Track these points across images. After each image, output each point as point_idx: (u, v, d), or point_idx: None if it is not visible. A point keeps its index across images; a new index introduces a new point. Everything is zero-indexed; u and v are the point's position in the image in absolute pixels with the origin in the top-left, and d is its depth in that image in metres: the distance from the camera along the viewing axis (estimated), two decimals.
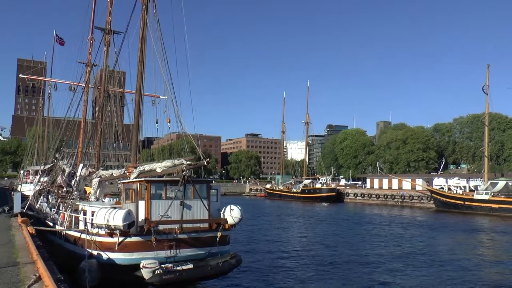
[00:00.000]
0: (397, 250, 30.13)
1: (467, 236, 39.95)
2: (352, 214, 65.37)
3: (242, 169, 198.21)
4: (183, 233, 19.22)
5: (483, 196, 68.08)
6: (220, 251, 19.85)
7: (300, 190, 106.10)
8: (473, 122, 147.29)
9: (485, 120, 78.23)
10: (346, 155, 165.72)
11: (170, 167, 20.25)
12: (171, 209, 19.35)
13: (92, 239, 19.01)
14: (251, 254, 29.18)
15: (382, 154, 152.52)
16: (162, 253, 18.62)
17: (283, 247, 32.55)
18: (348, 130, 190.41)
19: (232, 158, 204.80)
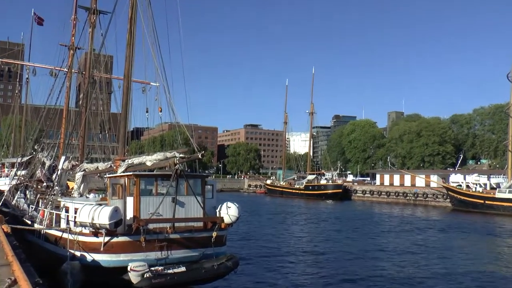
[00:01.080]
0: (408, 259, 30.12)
1: (488, 241, 39.94)
2: (359, 214, 65.55)
3: (241, 163, 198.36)
4: (175, 232, 19.25)
5: (506, 194, 68.17)
6: (216, 252, 19.89)
7: (303, 187, 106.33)
8: (495, 113, 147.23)
9: (509, 111, 78.12)
10: (354, 149, 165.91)
11: (161, 160, 20.23)
12: (162, 207, 19.37)
13: (75, 238, 19.03)
14: (249, 256, 29.24)
15: (394, 148, 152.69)
16: (152, 254, 18.65)
17: (284, 249, 32.63)
18: (356, 121, 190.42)
19: (229, 151, 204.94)
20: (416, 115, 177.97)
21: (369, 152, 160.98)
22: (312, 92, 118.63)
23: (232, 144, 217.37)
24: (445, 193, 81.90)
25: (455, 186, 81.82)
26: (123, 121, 23.36)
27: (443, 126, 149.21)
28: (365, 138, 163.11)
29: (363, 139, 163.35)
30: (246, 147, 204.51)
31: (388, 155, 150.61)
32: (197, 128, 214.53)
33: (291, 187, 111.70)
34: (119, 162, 21.98)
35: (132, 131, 44.92)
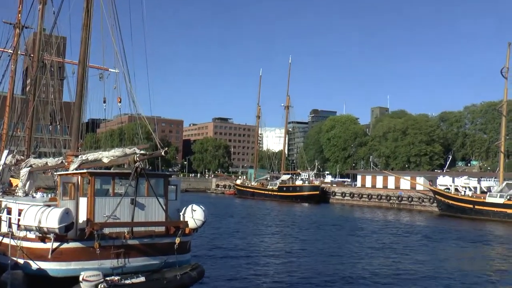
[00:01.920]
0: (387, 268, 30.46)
1: (476, 249, 40.67)
2: (337, 218, 66.06)
3: (208, 161, 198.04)
4: (134, 238, 19.06)
5: (497, 199, 69.64)
6: (179, 260, 19.78)
7: (277, 188, 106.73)
8: (488, 111, 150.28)
9: (502, 109, 79.62)
10: (334, 147, 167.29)
11: (120, 156, 19.98)
12: (119, 209, 19.13)
13: (18, 244, 18.60)
14: (215, 264, 29.17)
15: (377, 147, 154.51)
16: (107, 262, 18.41)
17: (254, 257, 32.66)
18: (336, 116, 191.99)
19: (196, 147, 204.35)
20: (402, 111, 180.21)
21: (350, 151, 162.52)
22: (289, 84, 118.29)
23: (199, 140, 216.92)
24: (432, 197, 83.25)
25: (443, 190, 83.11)
26: (77, 112, 22.96)
27: (431, 124, 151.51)
28: (346, 135, 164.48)
29: (343, 137, 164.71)
30: (214, 143, 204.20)
31: (370, 155, 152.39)
32: (160, 121, 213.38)
33: (263, 188, 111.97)
34: (72, 158, 21.63)
35: (87, 123, 44.20)
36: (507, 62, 76.28)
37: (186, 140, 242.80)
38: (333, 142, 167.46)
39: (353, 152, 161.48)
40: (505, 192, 70.09)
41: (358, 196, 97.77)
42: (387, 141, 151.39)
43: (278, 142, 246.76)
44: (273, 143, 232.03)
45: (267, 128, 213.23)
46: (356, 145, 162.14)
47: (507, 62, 76.30)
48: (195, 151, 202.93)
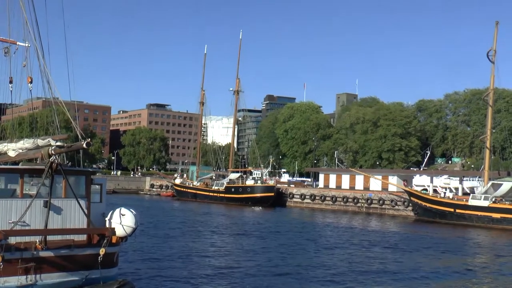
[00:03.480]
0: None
1: (457, 261, 41.36)
2: (295, 225, 66.51)
3: (141, 156, 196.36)
4: (48, 249, 18.79)
5: (481, 201, 71.60)
6: (104, 276, 19.64)
7: (223, 188, 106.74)
8: (472, 100, 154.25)
9: (488, 98, 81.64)
10: (292, 140, 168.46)
11: (30, 149, 19.65)
12: (30, 213, 18.83)
13: None
14: (147, 280, 29.00)
15: (343, 140, 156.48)
16: (13, 280, 18.11)
17: (192, 272, 32.68)
18: (295, 104, 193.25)
19: (126, 138, 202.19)
20: (372, 99, 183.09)
21: (311, 145, 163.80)
22: (239, 63, 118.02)
23: (130, 130, 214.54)
24: (407, 199, 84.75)
25: (420, 191, 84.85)
26: None
27: (406, 114, 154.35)
28: (306, 127, 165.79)
29: (303, 128, 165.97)
30: (148, 134, 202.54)
31: (335, 150, 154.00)
32: (82, 107, 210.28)
33: (207, 189, 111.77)
34: None
35: None
36: (495, 44, 78.16)
37: (115, 131, 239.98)
38: (291, 135, 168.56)
39: (314, 147, 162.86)
40: (491, 194, 72.04)
41: (320, 198, 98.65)
42: (355, 133, 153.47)
43: (226, 133, 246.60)
44: (220, 135, 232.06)
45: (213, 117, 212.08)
46: (318, 138, 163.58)
47: (494, 44, 78.15)
48: (125, 143, 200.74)
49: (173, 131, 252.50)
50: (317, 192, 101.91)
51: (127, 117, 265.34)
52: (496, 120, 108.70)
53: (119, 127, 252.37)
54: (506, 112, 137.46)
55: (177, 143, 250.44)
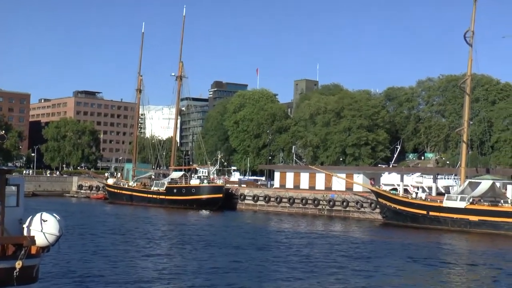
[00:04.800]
0: None
1: (430, 274, 41.73)
2: (246, 231, 66.55)
3: (67, 152, 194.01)
4: None
5: (457, 203, 72.83)
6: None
7: (164, 189, 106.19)
8: (447, 88, 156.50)
9: (465, 85, 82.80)
10: (243, 133, 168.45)
11: None
12: None
13: None
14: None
15: (302, 133, 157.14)
16: None
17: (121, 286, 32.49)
18: (247, 91, 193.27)
19: (49, 132, 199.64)
20: (335, 86, 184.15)
21: (266, 139, 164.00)
22: (182, 44, 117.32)
23: (53, 122, 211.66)
24: (374, 201, 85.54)
25: (388, 191, 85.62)
26: None
27: (374, 104, 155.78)
28: (260, 118, 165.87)
29: (256, 119, 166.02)
30: (76, 126, 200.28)
31: (293, 144, 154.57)
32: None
33: (145, 190, 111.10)
34: None
35: None
36: (472, 25, 79.28)
37: (35, 122, 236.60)
38: (242, 127, 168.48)
39: (269, 141, 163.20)
40: (467, 194, 73.27)
41: (275, 200, 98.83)
42: (315, 125, 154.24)
43: (167, 126, 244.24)
44: (160, 128, 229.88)
45: (152, 106, 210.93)
46: (273, 131, 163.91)
47: (472, 25, 79.28)
48: (48, 138, 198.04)
49: (105, 123, 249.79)
50: (272, 192, 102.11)
51: (50, 107, 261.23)
52: (474, 111, 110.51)
53: (40, 118, 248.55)
54: (485, 102, 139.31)
55: (110, 137, 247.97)
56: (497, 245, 59.60)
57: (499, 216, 69.80)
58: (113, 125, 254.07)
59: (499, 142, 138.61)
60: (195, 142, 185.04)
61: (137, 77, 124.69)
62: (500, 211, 70.42)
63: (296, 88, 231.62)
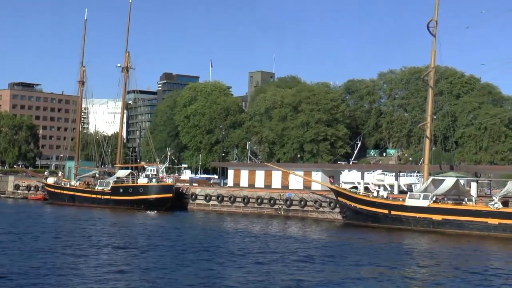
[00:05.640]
0: None
1: (389, 276, 42.10)
2: (196, 233, 66.46)
3: (2, 149, 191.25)
4: None
5: (420, 201, 73.42)
6: None
7: (110, 189, 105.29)
8: (410, 80, 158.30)
9: (428, 78, 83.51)
10: (195, 128, 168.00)
11: None
12: None
13: None
14: None
15: (257, 129, 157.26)
16: None
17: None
18: (199, 84, 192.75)
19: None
20: (293, 78, 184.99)
21: (219, 135, 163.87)
22: (128, 33, 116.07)
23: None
24: (334, 199, 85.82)
25: (348, 189, 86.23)
26: None
27: (333, 97, 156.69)
28: (213, 112, 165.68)
29: (209, 114, 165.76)
30: (12, 121, 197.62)
31: (248, 140, 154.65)
32: None
33: (89, 190, 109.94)
34: None
35: None
36: (436, 14, 79.94)
37: None
38: (193, 122, 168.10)
39: (222, 137, 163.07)
40: (431, 192, 73.90)
41: (229, 199, 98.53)
42: (271, 120, 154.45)
43: (113, 120, 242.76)
44: (105, 123, 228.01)
45: (96, 99, 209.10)
46: (227, 126, 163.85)
47: (435, 14, 79.92)
48: None
49: (44, 117, 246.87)
50: (225, 192, 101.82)
51: None
52: (437, 104, 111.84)
53: None
54: (449, 95, 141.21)
55: (50, 133, 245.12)
56: (458, 245, 60.32)
57: (462, 215, 70.48)
58: (53, 119, 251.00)
59: (463, 138, 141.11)
60: (143, 138, 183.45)
61: (80, 68, 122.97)
62: (464, 209, 71.16)
63: (251, 81, 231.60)
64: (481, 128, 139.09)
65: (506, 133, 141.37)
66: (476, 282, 39.53)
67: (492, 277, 41.52)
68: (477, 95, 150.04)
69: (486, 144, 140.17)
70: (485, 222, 69.18)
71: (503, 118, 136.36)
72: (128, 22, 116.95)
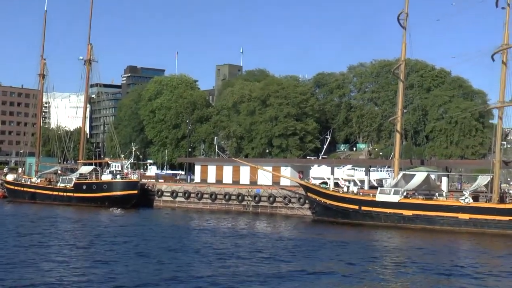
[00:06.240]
0: None
1: (357, 273, 42.22)
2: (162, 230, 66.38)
3: None
4: None
5: (391, 196, 74.14)
6: None
7: (72, 186, 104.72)
8: (380, 73, 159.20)
9: (399, 71, 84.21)
10: (160, 123, 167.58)
11: None
12: None
13: None
14: None
15: (225, 123, 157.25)
16: None
17: None
18: (165, 77, 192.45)
19: None
20: (261, 71, 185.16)
21: (185, 130, 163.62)
22: (91, 24, 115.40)
23: None
24: (303, 195, 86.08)
25: (318, 184, 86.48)
26: None
27: (302, 91, 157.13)
28: (179, 106, 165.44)
29: (175, 108, 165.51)
30: None
31: (215, 135, 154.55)
32: None
33: (51, 187, 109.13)
34: None
35: None
36: (406, 6, 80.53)
37: None
38: (159, 116, 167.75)
39: (189, 131, 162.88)
40: (401, 187, 74.60)
41: (196, 196, 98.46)
42: (239, 115, 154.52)
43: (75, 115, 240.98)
44: (67, 117, 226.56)
45: (57, 93, 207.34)
46: (193, 120, 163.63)
47: (406, 6, 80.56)
48: None
49: (3, 112, 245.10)
50: (192, 188, 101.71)
51: None
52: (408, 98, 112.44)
53: None
54: (420, 88, 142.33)
55: (9, 128, 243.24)
56: (427, 241, 61.06)
57: (433, 210, 71.18)
58: (12, 114, 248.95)
59: (434, 132, 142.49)
60: (106, 133, 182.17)
61: (40, 60, 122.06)
62: (434, 205, 71.95)
63: (218, 74, 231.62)
64: (452, 122, 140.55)
65: (476, 127, 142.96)
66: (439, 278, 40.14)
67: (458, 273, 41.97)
68: (448, 89, 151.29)
69: (456, 138, 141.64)
70: (456, 217, 70.05)
71: (473, 112, 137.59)
72: (90, 12, 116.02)
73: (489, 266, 45.98)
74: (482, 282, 39.28)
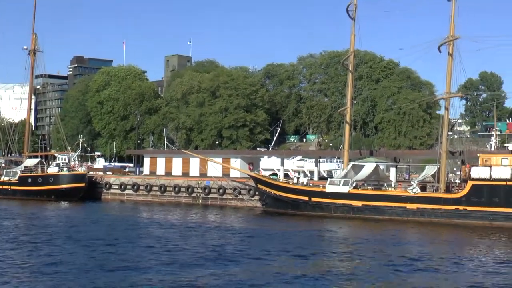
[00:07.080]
0: None
1: (304, 264, 42.93)
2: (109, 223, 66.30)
3: None
4: None
5: (340, 187, 75.02)
6: None
7: (17, 179, 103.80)
8: (330, 64, 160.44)
9: (348, 62, 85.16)
10: (108, 115, 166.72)
11: None
12: None
13: None
14: None
15: (174, 115, 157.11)
16: None
17: None
18: (113, 68, 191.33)
19: None
20: (210, 62, 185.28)
21: (134, 121, 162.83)
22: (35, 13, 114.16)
23: None
24: (253, 187, 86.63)
25: (268, 176, 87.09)
26: None
27: (252, 82, 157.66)
28: (127, 98, 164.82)
29: (123, 99, 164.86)
30: None
31: (164, 127, 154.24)
32: None
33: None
34: None
35: None
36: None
37: None
38: (107, 108, 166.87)
39: (138, 123, 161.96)
40: (351, 178, 75.67)
41: (145, 188, 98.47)
42: (188, 106, 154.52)
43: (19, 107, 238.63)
44: (11, 109, 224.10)
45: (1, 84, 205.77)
46: (142, 112, 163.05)
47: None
48: None
49: None
50: (141, 180, 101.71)
51: None
52: (357, 89, 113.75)
53: None
54: (369, 80, 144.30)
55: None
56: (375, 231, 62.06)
57: (382, 200, 72.29)
58: None
59: (382, 123, 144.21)
60: (53, 125, 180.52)
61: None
62: (383, 195, 73.13)
63: (167, 65, 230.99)
64: (400, 113, 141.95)
65: (424, 118, 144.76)
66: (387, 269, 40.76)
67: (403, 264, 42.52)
68: (396, 80, 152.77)
69: (405, 129, 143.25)
70: (404, 207, 71.24)
71: (421, 103, 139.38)
72: (34, 1, 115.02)
73: (434, 255, 46.60)
74: (429, 273, 39.79)
